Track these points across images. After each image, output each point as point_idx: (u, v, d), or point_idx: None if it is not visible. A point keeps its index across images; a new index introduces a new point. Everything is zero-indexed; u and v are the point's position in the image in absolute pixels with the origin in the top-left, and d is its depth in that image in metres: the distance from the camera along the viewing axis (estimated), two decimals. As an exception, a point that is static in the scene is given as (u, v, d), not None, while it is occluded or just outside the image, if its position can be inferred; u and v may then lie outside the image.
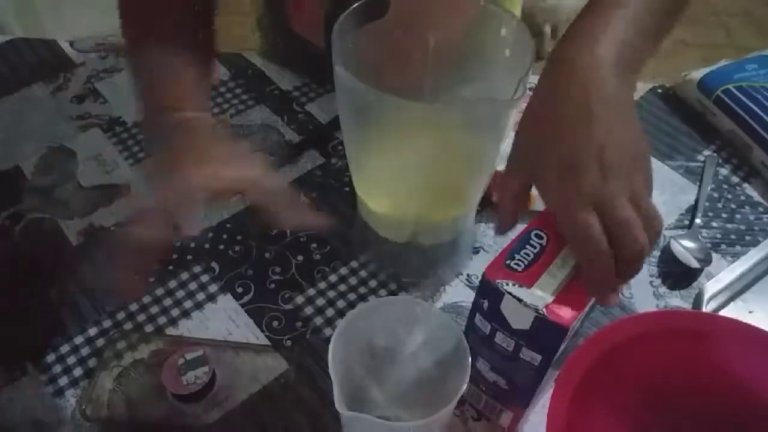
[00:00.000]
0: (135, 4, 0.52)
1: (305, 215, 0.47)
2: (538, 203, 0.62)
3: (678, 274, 0.59)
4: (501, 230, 0.44)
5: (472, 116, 0.44)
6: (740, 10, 2.21)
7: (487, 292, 0.38)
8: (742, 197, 0.66)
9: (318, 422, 0.50)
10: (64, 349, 0.53)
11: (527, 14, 0.81)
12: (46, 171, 0.67)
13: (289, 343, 0.54)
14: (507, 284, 0.37)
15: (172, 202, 0.42)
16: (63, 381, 0.52)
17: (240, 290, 0.57)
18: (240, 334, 0.55)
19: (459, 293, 0.57)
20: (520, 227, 0.42)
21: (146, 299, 0.57)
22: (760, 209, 0.64)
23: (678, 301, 0.57)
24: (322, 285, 0.58)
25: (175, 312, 0.56)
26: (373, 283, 0.58)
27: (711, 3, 2.20)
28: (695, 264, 0.58)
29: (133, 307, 0.56)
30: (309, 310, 0.56)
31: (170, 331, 0.55)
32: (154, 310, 0.56)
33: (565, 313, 0.36)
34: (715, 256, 0.60)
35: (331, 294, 0.57)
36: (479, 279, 0.39)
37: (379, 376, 0.45)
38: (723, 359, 0.42)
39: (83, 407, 0.49)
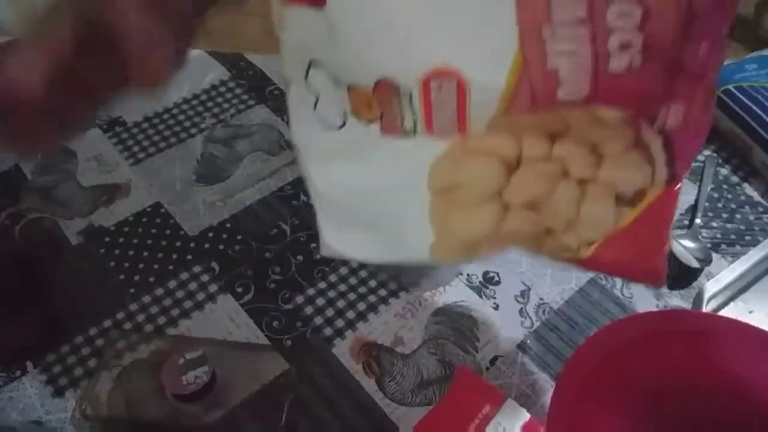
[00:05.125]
0: None
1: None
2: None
3: (678, 274, 0.59)
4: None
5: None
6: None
7: None
8: (742, 197, 0.65)
9: (318, 422, 0.50)
10: (64, 349, 0.53)
11: None
12: (46, 171, 0.67)
13: (289, 343, 0.54)
14: None
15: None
16: (63, 381, 0.52)
17: (240, 290, 0.57)
18: (240, 334, 0.55)
19: (459, 293, 0.57)
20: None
21: (146, 299, 0.57)
22: (760, 209, 0.64)
23: (678, 301, 0.57)
24: (322, 285, 0.58)
25: (175, 312, 0.56)
26: (373, 283, 0.58)
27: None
28: (695, 264, 0.58)
29: (133, 307, 0.56)
30: (309, 310, 0.56)
31: (170, 331, 0.55)
32: (154, 310, 0.56)
33: None
34: (715, 256, 0.60)
35: (331, 294, 0.57)
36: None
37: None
38: (723, 359, 0.42)
39: (83, 407, 0.49)
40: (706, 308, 0.54)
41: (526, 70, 0.25)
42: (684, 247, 0.59)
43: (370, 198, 0.33)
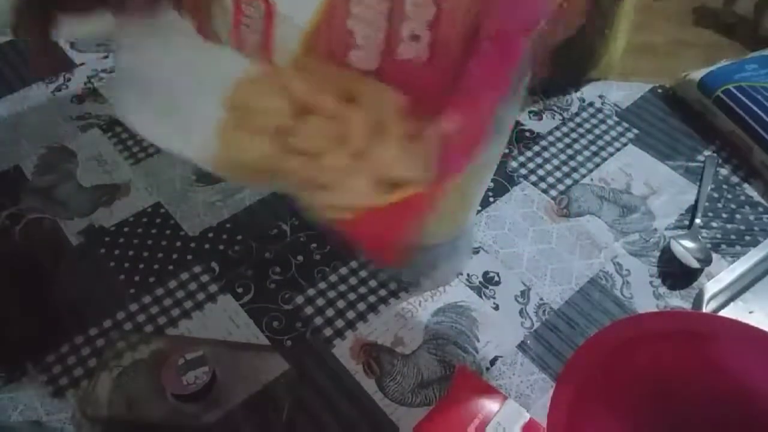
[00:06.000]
0: None
1: None
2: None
3: (678, 274, 0.59)
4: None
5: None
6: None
7: None
8: (742, 197, 0.65)
9: (318, 422, 0.50)
10: (64, 349, 0.53)
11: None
12: (46, 171, 0.67)
13: (289, 343, 0.54)
14: None
15: None
16: (63, 381, 0.52)
17: (240, 290, 0.57)
18: (240, 334, 0.55)
19: (459, 293, 0.57)
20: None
21: (146, 299, 0.57)
22: (760, 209, 0.64)
23: (678, 301, 0.57)
24: (322, 285, 0.58)
25: (175, 312, 0.56)
26: (373, 283, 0.58)
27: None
28: (695, 264, 0.58)
29: (133, 307, 0.56)
30: (309, 310, 0.56)
31: (170, 331, 0.55)
32: (154, 310, 0.56)
33: None
34: (715, 256, 0.60)
35: (331, 294, 0.57)
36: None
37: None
38: (723, 359, 0.42)
39: (83, 407, 0.49)
40: (706, 308, 0.54)
41: (328, 20, 0.28)
42: (684, 247, 0.59)
43: (169, 85, 0.34)
